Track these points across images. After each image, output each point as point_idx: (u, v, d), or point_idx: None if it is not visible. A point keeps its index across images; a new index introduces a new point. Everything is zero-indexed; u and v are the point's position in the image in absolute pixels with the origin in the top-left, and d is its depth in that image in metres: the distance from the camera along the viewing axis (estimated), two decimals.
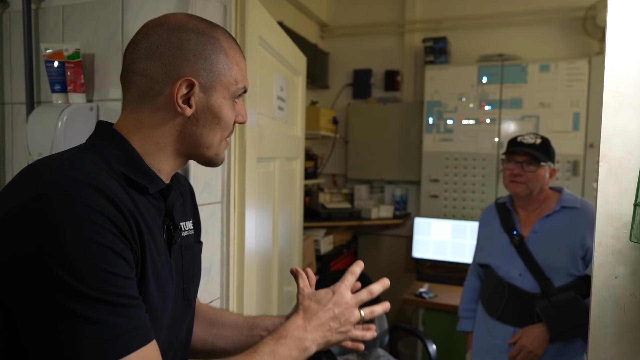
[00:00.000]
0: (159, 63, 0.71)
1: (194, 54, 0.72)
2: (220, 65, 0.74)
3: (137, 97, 0.73)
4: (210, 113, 0.74)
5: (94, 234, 0.58)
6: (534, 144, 1.72)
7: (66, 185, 0.61)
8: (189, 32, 0.72)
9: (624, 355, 0.90)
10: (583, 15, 2.89)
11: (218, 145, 0.78)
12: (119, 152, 0.72)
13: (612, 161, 0.91)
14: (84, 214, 0.59)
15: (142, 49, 0.72)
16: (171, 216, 0.78)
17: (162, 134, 0.74)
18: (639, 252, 0.89)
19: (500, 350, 1.74)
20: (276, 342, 0.76)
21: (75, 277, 0.56)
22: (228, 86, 0.75)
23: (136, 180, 0.71)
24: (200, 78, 0.72)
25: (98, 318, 0.57)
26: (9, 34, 1.36)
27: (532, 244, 1.72)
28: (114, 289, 0.59)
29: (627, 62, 0.90)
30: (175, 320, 0.79)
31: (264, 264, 1.62)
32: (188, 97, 0.72)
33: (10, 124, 1.38)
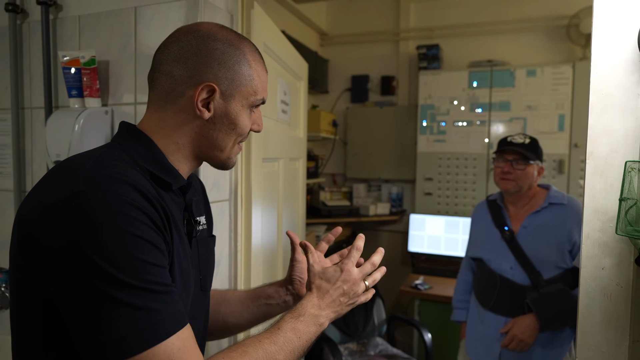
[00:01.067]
0: (184, 67, 0.72)
1: (218, 62, 0.72)
2: (243, 75, 0.74)
3: (162, 96, 0.74)
4: (227, 119, 0.74)
5: (132, 227, 0.59)
6: (523, 143, 1.72)
7: (103, 182, 0.61)
8: (217, 42, 0.73)
9: (610, 342, 0.90)
10: (567, 23, 2.89)
11: (231, 149, 0.78)
12: (144, 150, 0.72)
13: (598, 159, 0.91)
14: (121, 209, 0.59)
15: (171, 51, 0.73)
16: (190, 211, 0.79)
17: (182, 134, 0.74)
18: (625, 244, 0.89)
19: (493, 339, 1.73)
20: (296, 319, 0.77)
21: (117, 268, 0.57)
22: (247, 96, 0.75)
23: (161, 176, 0.71)
24: (222, 85, 0.73)
25: (141, 305, 0.57)
26: (28, 43, 1.35)
27: (522, 238, 1.72)
28: (152, 277, 0.59)
29: (612, 64, 0.90)
30: (194, 309, 0.79)
31: (269, 257, 1.62)
32: (208, 101, 0.73)
33: (30, 127, 1.37)
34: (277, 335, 0.73)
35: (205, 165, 1.21)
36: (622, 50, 0.89)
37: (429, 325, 2.58)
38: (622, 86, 0.89)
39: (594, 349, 0.91)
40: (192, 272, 0.76)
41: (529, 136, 1.75)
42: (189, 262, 0.75)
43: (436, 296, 2.67)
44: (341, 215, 3.14)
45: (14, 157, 1.36)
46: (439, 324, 2.66)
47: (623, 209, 0.86)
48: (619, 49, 0.90)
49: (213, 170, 1.25)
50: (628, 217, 0.85)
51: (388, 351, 2.49)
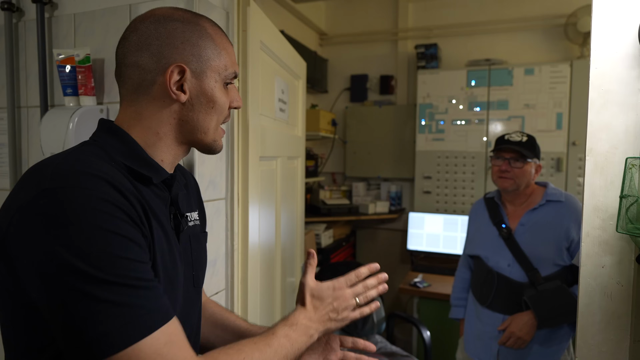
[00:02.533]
0: (149, 53, 0.69)
1: (181, 41, 0.69)
2: (209, 50, 0.71)
3: (133, 89, 0.71)
4: (205, 97, 0.71)
5: (104, 222, 0.56)
6: (521, 141, 1.69)
7: (71, 177, 0.58)
8: (175, 22, 0.70)
9: (611, 341, 0.87)
10: (565, 22, 2.86)
11: (214, 130, 0.75)
12: (120, 145, 0.69)
13: (598, 155, 0.88)
14: (93, 204, 0.56)
15: (131, 42, 0.70)
16: (176, 205, 0.75)
17: (161, 123, 0.71)
18: (625, 242, 0.86)
19: (491, 337, 1.71)
20: (289, 327, 0.77)
21: (93, 266, 0.55)
22: (218, 70, 0.72)
23: (139, 171, 0.68)
24: (191, 64, 0.70)
25: (120, 301, 0.55)
26: (24, 42, 1.33)
27: (519, 236, 1.69)
28: (132, 273, 0.57)
29: (612, 59, 0.87)
30: (186, 306, 0.77)
31: (267, 256, 1.59)
32: (181, 83, 0.70)
33: (26, 126, 1.35)
34: (271, 339, 0.72)
35: (200, 163, 1.18)
36: (622, 45, 0.87)
37: (428, 323, 2.55)
38: (622, 81, 0.86)
39: (594, 349, 0.88)
40: (181, 267, 0.74)
41: (526, 134, 1.72)
42: (176, 256, 0.72)
43: (435, 294, 2.64)
44: (341, 214, 3.11)
45: (10, 156, 1.33)
46: (438, 321, 2.64)
47: (624, 207, 0.83)
48: (618, 44, 0.87)
49: (209, 168, 1.22)
50: (629, 214, 0.82)
51: (387, 349, 2.46)
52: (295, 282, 1.99)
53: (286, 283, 1.85)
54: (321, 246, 2.88)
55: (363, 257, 3.52)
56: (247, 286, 1.35)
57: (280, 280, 1.75)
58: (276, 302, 1.71)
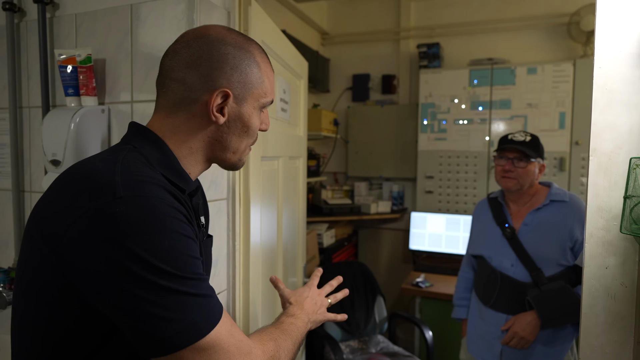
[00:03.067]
0: (197, 73, 0.71)
1: (231, 67, 0.71)
2: (254, 78, 0.74)
3: (174, 103, 0.72)
4: (241, 122, 0.75)
5: (176, 226, 0.62)
6: (524, 141, 1.68)
7: (139, 187, 0.62)
8: (228, 46, 0.72)
9: (614, 343, 0.86)
10: (567, 20, 2.84)
11: (243, 151, 0.79)
12: (158, 154, 0.71)
13: (602, 155, 0.87)
14: (166, 211, 0.62)
15: (182, 58, 0.72)
16: (197, 214, 0.78)
17: (196, 139, 0.74)
18: (629, 243, 0.85)
19: (494, 337, 1.70)
20: (291, 317, 0.90)
21: (172, 266, 0.60)
22: (258, 98, 0.76)
23: (175, 182, 0.70)
24: (235, 90, 0.72)
25: (200, 292, 0.62)
26: (26, 42, 1.33)
27: (523, 235, 1.68)
28: (198, 269, 0.64)
29: (616, 58, 0.86)
30: None
31: (269, 256, 1.59)
32: (222, 106, 0.72)
33: (28, 126, 1.34)
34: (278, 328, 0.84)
35: None
36: (626, 44, 0.86)
37: (430, 323, 2.55)
38: (626, 81, 0.86)
39: (598, 350, 0.87)
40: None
41: (529, 134, 1.71)
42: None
43: (437, 294, 2.63)
44: (342, 214, 3.10)
45: (12, 156, 1.33)
46: (440, 321, 2.63)
47: (628, 207, 0.82)
48: (622, 43, 0.86)
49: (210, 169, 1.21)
50: (633, 215, 0.82)
51: (389, 349, 2.45)
52: (297, 282, 1.99)
53: (288, 283, 1.85)
54: (323, 246, 2.88)
55: (365, 257, 3.51)
56: (248, 286, 1.35)
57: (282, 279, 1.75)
58: (278, 303, 1.70)
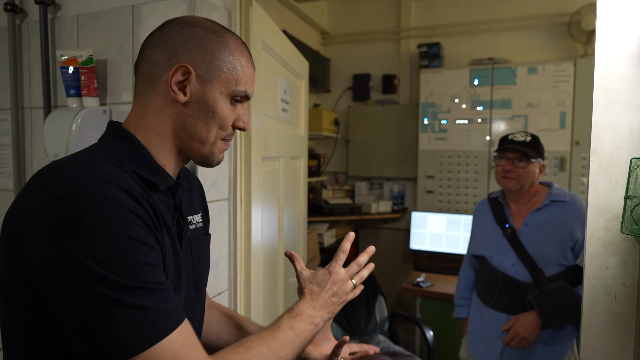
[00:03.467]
0: (164, 50, 0.71)
1: (197, 46, 0.70)
2: (222, 61, 0.72)
3: (142, 82, 0.73)
4: (204, 105, 0.71)
5: (123, 228, 0.58)
6: (525, 141, 1.68)
7: (89, 184, 0.59)
8: (199, 28, 0.71)
9: (615, 343, 0.86)
10: (568, 20, 2.84)
11: (213, 143, 0.74)
12: (129, 151, 0.70)
13: (603, 156, 0.87)
14: (111, 210, 0.57)
15: (153, 38, 0.72)
16: (180, 211, 0.76)
17: (161, 121, 0.72)
18: (630, 243, 0.85)
19: (495, 337, 1.71)
20: (294, 319, 0.78)
21: (113, 271, 0.55)
22: (227, 84, 0.72)
23: (147, 177, 0.68)
24: (199, 69, 0.70)
25: (141, 304, 0.56)
26: (27, 43, 1.33)
27: (523, 236, 1.68)
28: (149, 277, 0.58)
29: (617, 59, 0.86)
30: (188, 309, 0.76)
31: (270, 256, 1.59)
32: (185, 85, 0.70)
33: (30, 127, 1.35)
34: (278, 332, 0.73)
35: None
36: (626, 45, 0.86)
37: (431, 323, 2.55)
38: (627, 81, 0.86)
39: (599, 350, 0.88)
40: (183, 272, 0.74)
41: (530, 134, 1.71)
42: (179, 261, 0.73)
43: (438, 293, 2.63)
44: (343, 214, 3.11)
45: (14, 157, 1.34)
46: (441, 321, 2.63)
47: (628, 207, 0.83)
48: (623, 43, 0.86)
49: (212, 169, 1.22)
50: (633, 215, 0.82)
51: (390, 348, 2.46)
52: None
53: (289, 283, 1.85)
54: (324, 246, 2.88)
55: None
56: (250, 286, 1.35)
57: (283, 280, 1.75)
58: (279, 302, 1.71)
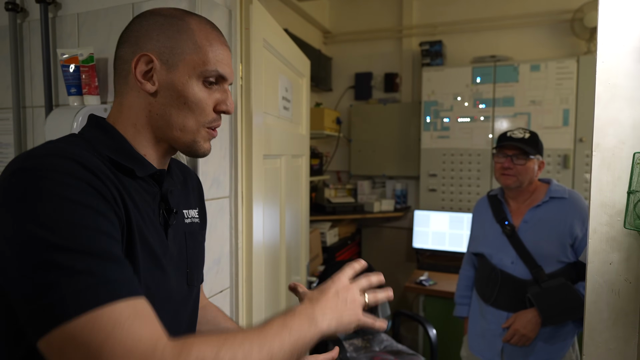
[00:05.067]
0: (128, 44, 0.71)
1: (157, 33, 0.70)
2: (185, 44, 0.70)
3: (117, 79, 0.73)
4: (174, 91, 0.70)
5: (72, 194, 0.55)
6: (523, 138, 1.67)
7: (43, 159, 0.58)
8: (158, 16, 0.71)
9: (619, 339, 0.86)
10: (571, 17, 2.83)
11: (195, 131, 0.72)
12: (105, 138, 0.70)
13: (605, 151, 0.87)
14: (60, 178, 0.56)
15: (121, 37, 0.73)
16: (166, 201, 0.74)
17: (136, 114, 0.71)
18: (633, 238, 0.85)
19: (495, 334, 1.70)
20: (286, 315, 0.68)
21: (57, 235, 0.53)
22: (194, 66, 0.70)
23: (122, 163, 0.68)
24: (162, 55, 0.69)
25: (81, 268, 0.52)
26: (29, 42, 1.33)
27: (523, 233, 1.68)
28: (97, 243, 0.55)
29: (619, 53, 0.86)
30: (179, 303, 0.76)
31: (272, 254, 1.59)
32: (151, 74, 0.70)
33: (31, 126, 1.35)
34: (264, 327, 0.64)
35: (204, 162, 1.18)
36: (629, 39, 0.85)
37: (434, 321, 2.54)
38: (629, 75, 0.85)
39: (602, 346, 0.87)
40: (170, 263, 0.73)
41: (528, 130, 1.71)
42: (165, 253, 0.71)
43: (441, 292, 2.62)
44: (346, 212, 3.10)
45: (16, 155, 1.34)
46: (444, 319, 2.62)
47: (631, 202, 0.82)
48: (625, 38, 0.85)
49: (213, 167, 1.22)
50: (637, 210, 0.81)
51: (393, 347, 2.45)
52: (300, 280, 1.99)
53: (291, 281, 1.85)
54: (326, 245, 2.88)
55: (368, 255, 3.51)
56: (251, 284, 1.35)
57: (285, 278, 1.75)
58: (281, 301, 1.71)
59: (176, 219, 0.76)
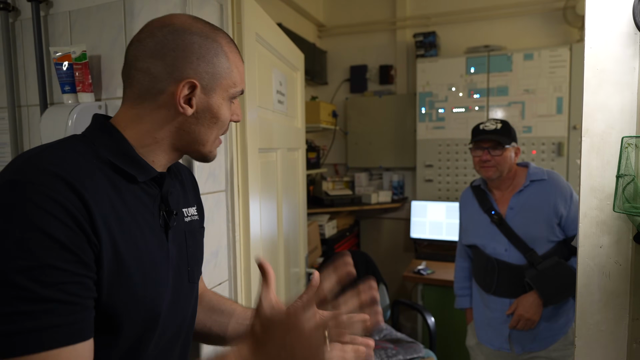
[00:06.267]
0: (163, 63, 0.68)
1: (197, 57, 0.69)
2: (222, 68, 0.72)
3: (139, 94, 0.70)
4: (210, 113, 0.72)
5: (40, 220, 0.54)
6: (496, 129, 1.69)
7: (30, 173, 0.57)
8: (194, 35, 0.70)
9: (609, 321, 0.87)
10: (563, 5, 2.82)
11: (213, 142, 0.76)
12: (108, 142, 0.68)
13: (595, 136, 0.87)
14: (37, 201, 0.55)
15: (146, 47, 0.69)
16: (167, 202, 0.74)
17: (161, 129, 0.71)
18: (622, 221, 0.85)
19: (500, 322, 1.72)
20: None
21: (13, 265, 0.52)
22: (227, 88, 0.73)
23: (124, 168, 0.67)
24: (202, 80, 0.70)
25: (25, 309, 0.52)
26: (21, 41, 1.32)
27: (510, 219, 1.70)
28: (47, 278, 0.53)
29: (607, 39, 0.86)
30: (179, 301, 0.76)
31: (269, 247, 1.59)
32: (189, 97, 0.70)
33: (27, 125, 1.35)
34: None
35: None
36: (616, 24, 0.85)
37: (432, 309, 2.56)
38: (617, 60, 0.85)
39: (593, 328, 0.88)
40: (169, 264, 0.73)
41: (500, 120, 1.73)
42: (164, 255, 0.71)
43: (439, 280, 2.64)
44: (344, 205, 3.11)
45: (13, 155, 1.33)
46: (442, 307, 2.64)
47: (620, 186, 0.82)
48: (613, 23, 0.85)
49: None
50: (625, 194, 0.82)
51: (392, 335, 2.47)
52: (299, 272, 2.00)
53: (290, 273, 1.86)
54: (325, 237, 2.89)
55: (367, 246, 3.52)
56: (250, 276, 1.36)
57: (283, 270, 1.76)
58: (280, 292, 1.72)
59: (176, 220, 0.77)
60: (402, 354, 2.21)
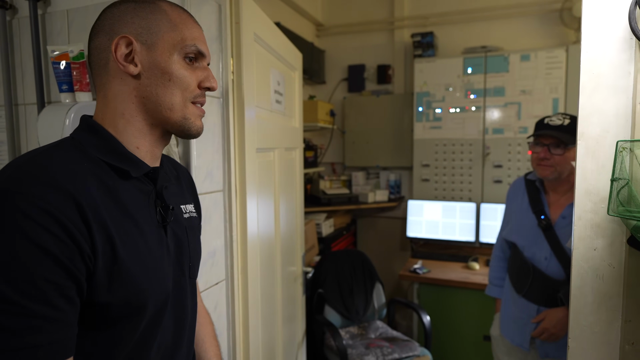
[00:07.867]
0: (103, 33, 0.69)
1: (131, 17, 0.69)
2: (160, 23, 0.70)
3: (97, 73, 0.71)
4: (158, 70, 0.69)
5: (29, 232, 0.53)
6: (562, 125, 1.51)
7: (22, 182, 0.56)
8: (129, 2, 0.70)
9: (603, 322, 0.87)
10: (560, 7, 2.82)
11: (182, 106, 0.71)
12: (97, 141, 0.68)
13: (590, 139, 0.87)
14: (27, 212, 0.54)
15: (94, 29, 0.71)
16: (162, 198, 0.74)
17: (123, 103, 0.69)
18: (616, 225, 0.86)
19: (524, 323, 1.65)
20: None
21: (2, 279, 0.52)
22: (173, 43, 0.70)
23: (116, 165, 0.67)
24: (140, 36, 0.69)
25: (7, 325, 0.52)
26: (19, 39, 1.32)
27: (560, 229, 1.55)
28: (34, 292, 0.53)
29: (603, 43, 0.86)
30: (180, 297, 0.77)
31: (267, 246, 1.59)
32: (132, 57, 0.68)
33: (24, 124, 1.34)
34: None
35: (197, 156, 1.18)
36: (613, 29, 0.85)
37: (428, 308, 2.56)
38: (613, 65, 0.85)
39: (587, 330, 0.88)
40: (169, 260, 0.73)
41: (568, 116, 1.53)
42: (163, 251, 0.71)
43: (434, 279, 2.65)
44: (341, 203, 3.11)
45: (10, 154, 1.33)
46: (438, 306, 2.65)
47: (615, 189, 0.83)
48: (610, 28, 0.85)
49: (206, 161, 1.22)
50: (620, 197, 0.82)
51: (388, 334, 2.48)
52: (296, 271, 2.00)
53: (287, 272, 1.86)
54: (322, 235, 2.89)
55: (364, 245, 3.52)
56: (247, 276, 1.36)
57: (280, 269, 1.76)
58: (277, 291, 1.72)
59: (173, 215, 0.76)
60: (397, 352, 2.22)
